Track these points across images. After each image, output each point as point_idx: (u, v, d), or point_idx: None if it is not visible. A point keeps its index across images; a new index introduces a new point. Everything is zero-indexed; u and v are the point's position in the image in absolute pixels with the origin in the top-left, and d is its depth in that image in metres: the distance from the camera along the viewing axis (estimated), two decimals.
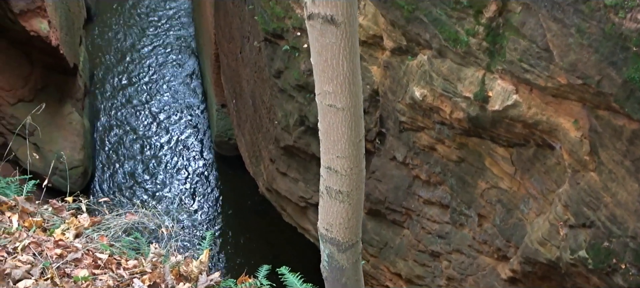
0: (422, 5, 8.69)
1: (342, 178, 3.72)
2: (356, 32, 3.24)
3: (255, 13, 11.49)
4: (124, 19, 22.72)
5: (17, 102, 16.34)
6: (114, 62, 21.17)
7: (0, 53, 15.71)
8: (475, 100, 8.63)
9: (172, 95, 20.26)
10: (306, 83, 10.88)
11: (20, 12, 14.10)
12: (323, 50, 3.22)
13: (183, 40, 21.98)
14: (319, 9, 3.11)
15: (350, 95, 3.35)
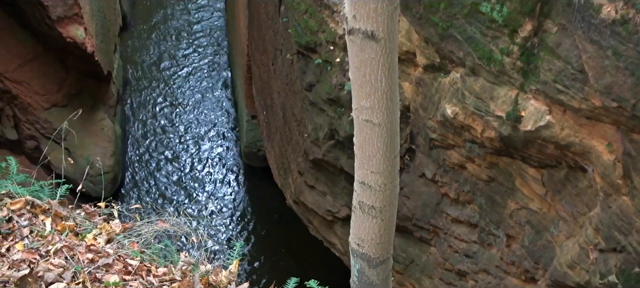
0: (456, 23, 8.66)
1: (375, 193, 3.71)
2: (396, 49, 3.24)
3: (289, 26, 11.54)
4: (158, 28, 22.97)
5: (51, 106, 16.57)
6: (147, 70, 21.40)
7: (36, 58, 15.96)
8: (508, 120, 8.56)
9: (203, 105, 20.41)
10: (337, 97, 10.89)
11: (57, 19, 14.33)
12: (362, 66, 3.23)
13: (216, 51, 22.15)
14: (360, 25, 3.12)
15: (387, 111, 3.35)
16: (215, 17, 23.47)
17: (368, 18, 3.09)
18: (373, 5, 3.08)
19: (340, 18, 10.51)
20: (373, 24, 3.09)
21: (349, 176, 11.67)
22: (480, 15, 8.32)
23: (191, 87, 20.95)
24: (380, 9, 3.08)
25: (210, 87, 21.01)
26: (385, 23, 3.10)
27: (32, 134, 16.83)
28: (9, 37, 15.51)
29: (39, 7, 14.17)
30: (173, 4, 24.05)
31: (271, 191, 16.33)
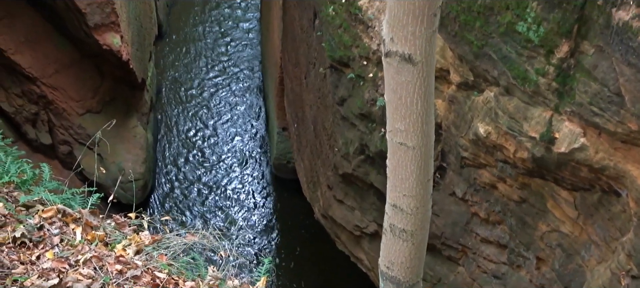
0: (492, 41, 8.60)
1: (407, 217, 3.67)
2: (433, 72, 3.21)
3: (322, 40, 11.55)
4: (193, 37, 23.18)
5: (85, 112, 16.77)
6: (180, 79, 21.59)
7: (73, 64, 16.17)
8: (541, 141, 8.47)
9: (235, 115, 20.51)
10: (369, 112, 10.86)
11: (94, 26, 14.50)
12: (398, 88, 3.20)
13: (249, 63, 22.28)
14: (397, 47, 3.09)
15: (422, 134, 3.32)
16: (250, 28, 23.62)
17: (406, 41, 3.06)
18: (411, 28, 3.05)
19: (374, 33, 10.50)
20: (410, 47, 3.07)
21: (378, 191, 11.62)
22: (516, 34, 8.25)
23: (223, 97, 21.08)
24: (418, 33, 3.05)
25: (243, 98, 21.11)
26: (423, 46, 3.07)
27: (66, 139, 17.04)
28: (46, 43, 15.74)
29: (77, 14, 14.35)
30: (209, 14, 24.26)
31: (299, 204, 16.33)
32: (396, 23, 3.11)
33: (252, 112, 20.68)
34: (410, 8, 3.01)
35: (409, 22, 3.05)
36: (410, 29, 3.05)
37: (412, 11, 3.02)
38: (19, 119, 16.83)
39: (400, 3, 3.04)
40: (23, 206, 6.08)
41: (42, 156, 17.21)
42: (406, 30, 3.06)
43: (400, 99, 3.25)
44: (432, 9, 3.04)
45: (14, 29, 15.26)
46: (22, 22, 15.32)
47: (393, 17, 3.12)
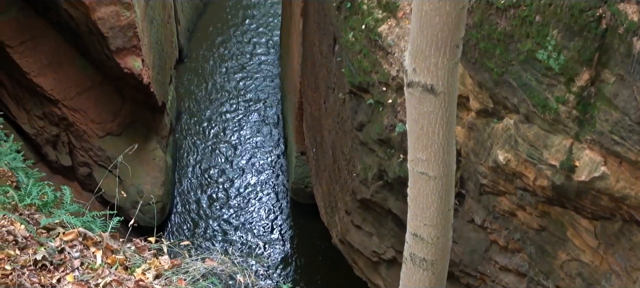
0: (512, 69, 8.59)
1: (427, 246, 3.66)
2: (455, 103, 3.22)
3: (342, 65, 11.59)
4: (214, 61, 23.36)
5: (106, 135, 16.90)
6: (200, 102, 21.73)
7: (94, 87, 16.33)
8: (561, 169, 8.41)
9: (253, 139, 20.59)
10: (388, 138, 10.86)
11: (116, 49, 14.64)
12: (420, 118, 3.21)
13: (268, 86, 22.40)
14: (420, 78, 3.11)
15: (444, 164, 3.32)
16: (269, 53, 23.77)
17: (428, 72, 3.08)
18: (434, 59, 3.07)
19: (393, 59, 10.53)
20: (433, 78, 3.08)
21: (396, 218, 11.59)
22: (536, 62, 8.23)
23: (242, 121, 21.18)
24: (440, 64, 3.07)
25: (261, 121, 21.20)
26: (445, 77, 3.08)
27: (86, 161, 17.17)
28: (69, 66, 15.92)
29: (99, 38, 14.51)
30: (229, 38, 24.46)
31: (317, 228, 16.31)
32: (419, 54, 3.13)
33: (270, 136, 20.75)
34: (433, 39, 3.04)
35: (431, 53, 3.07)
36: (432, 60, 3.07)
37: (435, 42, 3.04)
38: (39, 141, 17.00)
39: (423, 34, 3.06)
40: (44, 228, 6.13)
41: (61, 178, 17.36)
42: (428, 62, 3.08)
43: (422, 129, 3.26)
44: (455, 41, 3.06)
45: (38, 52, 15.47)
46: (46, 45, 15.53)
47: (415, 48, 3.14)
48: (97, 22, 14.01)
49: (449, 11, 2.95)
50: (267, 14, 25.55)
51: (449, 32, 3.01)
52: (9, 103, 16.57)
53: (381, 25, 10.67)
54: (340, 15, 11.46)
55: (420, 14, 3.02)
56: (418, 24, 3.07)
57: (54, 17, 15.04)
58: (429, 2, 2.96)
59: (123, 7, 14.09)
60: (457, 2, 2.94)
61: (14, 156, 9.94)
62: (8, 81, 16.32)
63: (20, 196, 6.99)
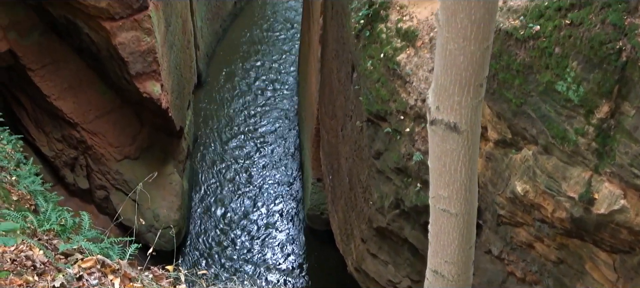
0: (530, 100, 8.57)
1: (448, 283, 3.63)
2: (478, 141, 3.22)
3: (360, 93, 11.62)
4: (232, 88, 23.50)
5: (123, 158, 16.99)
6: (217, 128, 21.82)
7: (113, 111, 16.44)
8: (580, 201, 8.35)
9: (270, 164, 20.62)
10: (405, 166, 10.83)
11: (136, 74, 14.75)
12: (443, 155, 3.21)
13: (286, 113, 22.47)
14: (443, 116, 3.11)
15: (465, 201, 3.31)
16: (287, 80, 23.88)
17: (452, 110, 3.08)
18: (457, 98, 3.07)
19: (411, 88, 10.53)
20: (456, 116, 3.08)
21: (412, 247, 11.53)
22: (555, 93, 8.21)
23: (259, 146, 21.23)
24: (464, 102, 3.07)
25: (278, 147, 21.25)
26: (469, 116, 3.08)
27: (103, 184, 17.25)
28: (89, 89, 16.06)
29: (120, 62, 14.64)
30: (248, 64, 24.61)
31: (332, 255, 16.24)
32: (442, 92, 3.14)
33: (287, 162, 20.77)
34: (457, 78, 3.04)
35: (455, 92, 3.08)
36: (456, 98, 3.08)
37: (459, 81, 3.04)
38: (58, 163, 17.11)
39: (446, 73, 3.07)
40: (62, 254, 6.14)
41: (79, 200, 17.46)
42: (452, 100, 3.09)
43: (444, 166, 3.25)
44: (479, 80, 3.06)
45: (58, 75, 15.63)
46: (67, 68, 15.69)
47: (439, 87, 3.15)
48: (117, 47, 14.14)
49: (473, 51, 2.96)
50: (286, 41, 25.71)
51: (473, 71, 3.02)
52: (29, 125, 16.72)
53: (400, 54, 10.70)
54: (359, 43, 11.51)
55: (444, 53, 3.04)
56: (442, 63, 3.08)
57: (75, 41, 15.21)
58: (454, 42, 2.97)
59: (144, 32, 14.21)
60: (482, 42, 2.95)
61: (33, 179, 10.03)
62: (29, 104, 16.49)
63: (39, 221, 7.03)
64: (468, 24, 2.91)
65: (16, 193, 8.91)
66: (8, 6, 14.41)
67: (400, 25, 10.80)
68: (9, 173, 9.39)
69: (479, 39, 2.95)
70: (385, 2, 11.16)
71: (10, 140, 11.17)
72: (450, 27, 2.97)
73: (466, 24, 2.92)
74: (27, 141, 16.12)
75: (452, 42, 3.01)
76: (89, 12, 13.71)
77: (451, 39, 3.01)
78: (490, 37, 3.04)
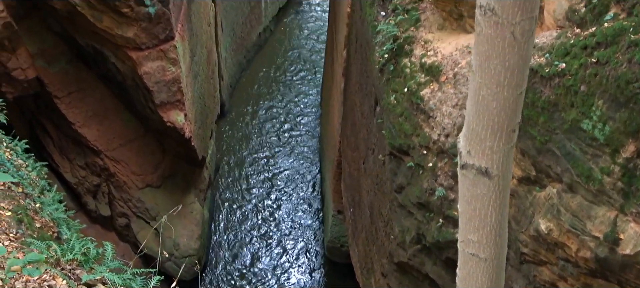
0: (555, 137, 8.52)
1: None
2: (508, 186, 3.20)
3: (383, 127, 11.62)
4: (254, 118, 23.63)
5: (145, 186, 17.07)
6: (239, 158, 21.91)
7: (137, 139, 16.56)
8: (605, 241, 8.26)
9: (291, 195, 20.63)
10: (427, 201, 10.79)
11: (160, 104, 14.87)
12: (473, 200, 3.19)
13: (307, 144, 22.53)
14: (474, 161, 3.10)
15: (495, 246, 3.29)
16: (310, 111, 23.95)
17: (483, 155, 3.07)
18: (489, 143, 3.07)
19: (435, 123, 10.52)
20: (488, 161, 3.07)
21: (433, 283, 11.44)
22: (581, 132, 8.16)
23: (280, 177, 21.27)
24: (496, 147, 3.06)
25: (299, 178, 21.26)
26: (500, 161, 3.07)
27: (124, 211, 17.33)
28: (114, 117, 16.21)
29: (145, 91, 14.77)
30: (271, 95, 24.76)
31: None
32: (474, 137, 3.13)
33: (308, 193, 20.77)
34: (489, 124, 3.04)
35: (487, 137, 3.07)
36: (488, 143, 3.07)
37: (491, 127, 3.04)
38: (80, 190, 17.24)
39: (479, 118, 3.06)
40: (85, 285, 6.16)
41: (100, 227, 17.55)
42: (484, 145, 3.08)
43: (474, 211, 3.24)
44: (512, 126, 3.06)
45: (84, 103, 15.80)
46: (92, 96, 15.86)
47: (471, 131, 3.14)
48: (143, 77, 14.28)
49: (506, 97, 2.95)
50: (309, 73, 25.86)
51: (506, 117, 3.01)
52: (53, 152, 16.88)
53: (423, 89, 10.71)
54: (383, 77, 11.54)
55: (476, 98, 3.03)
56: (474, 108, 3.08)
57: (101, 69, 15.39)
58: (487, 88, 2.97)
59: (169, 62, 14.35)
60: (516, 89, 2.95)
61: (57, 206, 10.07)
62: (54, 130, 16.66)
63: (62, 250, 7.06)
64: (502, 70, 2.91)
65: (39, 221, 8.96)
66: (37, 34, 14.63)
67: (425, 60, 10.82)
68: (33, 200, 9.45)
69: (513, 86, 2.95)
70: (410, 37, 11.21)
71: (35, 167, 11.24)
72: (483, 72, 2.97)
73: (500, 70, 2.92)
74: (51, 167, 16.26)
75: (485, 87, 3.01)
76: (116, 42, 13.89)
77: (484, 85, 3.01)
78: (523, 83, 3.03)
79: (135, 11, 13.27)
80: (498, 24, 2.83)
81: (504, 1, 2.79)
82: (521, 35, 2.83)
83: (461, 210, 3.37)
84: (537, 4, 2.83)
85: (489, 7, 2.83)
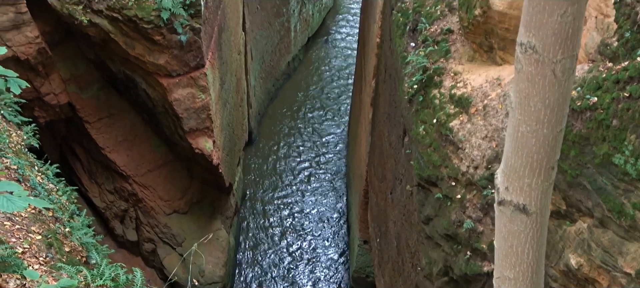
0: (586, 171, 8.45)
1: None
2: (546, 223, 3.18)
3: (411, 158, 11.60)
4: (281, 146, 23.71)
5: (172, 212, 17.15)
6: (266, 185, 21.96)
7: (165, 165, 16.68)
8: (637, 278, 8.14)
9: (316, 224, 20.60)
10: (455, 233, 10.72)
11: (189, 130, 14.98)
12: (509, 236, 3.18)
13: (334, 173, 22.54)
14: (512, 197, 3.09)
15: (532, 284, 3.26)
16: (337, 141, 23.99)
17: (521, 192, 3.06)
18: (528, 180, 3.06)
19: (464, 155, 10.48)
20: (526, 198, 3.06)
21: None
22: (612, 166, 8.08)
23: (306, 205, 21.27)
24: (534, 184, 3.05)
25: (325, 207, 21.25)
26: (539, 198, 3.06)
27: (151, 237, 17.42)
28: (143, 143, 16.35)
29: (174, 118, 14.89)
30: (298, 123, 24.84)
31: None
32: (512, 173, 3.13)
33: (333, 222, 20.74)
34: (528, 160, 3.03)
35: (525, 174, 3.06)
36: (526, 180, 3.06)
37: (530, 163, 3.03)
38: (108, 215, 17.37)
39: (517, 154, 3.06)
40: None
41: (126, 252, 17.65)
42: (522, 182, 3.07)
43: (511, 248, 3.22)
44: (550, 163, 3.05)
45: (114, 128, 15.97)
46: (122, 122, 16.03)
47: (509, 168, 3.13)
48: (173, 103, 14.42)
49: (546, 134, 2.95)
50: (337, 103, 25.94)
51: (545, 154, 3.01)
52: (83, 176, 17.05)
53: (453, 120, 10.69)
54: (412, 108, 11.54)
55: (515, 135, 3.03)
56: (513, 144, 3.08)
57: (132, 96, 15.57)
58: (526, 125, 2.97)
59: (199, 89, 14.48)
60: (555, 126, 2.94)
61: (86, 231, 10.18)
62: (83, 155, 16.85)
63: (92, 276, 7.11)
64: (541, 107, 2.91)
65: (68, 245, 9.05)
66: (70, 60, 14.87)
67: (454, 92, 10.82)
68: (63, 224, 9.56)
69: (552, 123, 2.94)
70: (440, 68, 11.22)
71: (65, 191, 11.37)
72: (523, 110, 2.97)
73: (540, 107, 2.92)
74: (79, 191, 16.42)
75: (525, 124, 3.00)
76: (147, 69, 14.06)
77: (523, 122, 3.00)
78: (563, 121, 3.03)
79: (167, 39, 13.44)
80: (539, 62, 2.84)
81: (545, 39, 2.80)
82: (562, 73, 2.83)
83: (497, 246, 3.35)
84: (578, 42, 2.83)
85: (529, 45, 2.84)
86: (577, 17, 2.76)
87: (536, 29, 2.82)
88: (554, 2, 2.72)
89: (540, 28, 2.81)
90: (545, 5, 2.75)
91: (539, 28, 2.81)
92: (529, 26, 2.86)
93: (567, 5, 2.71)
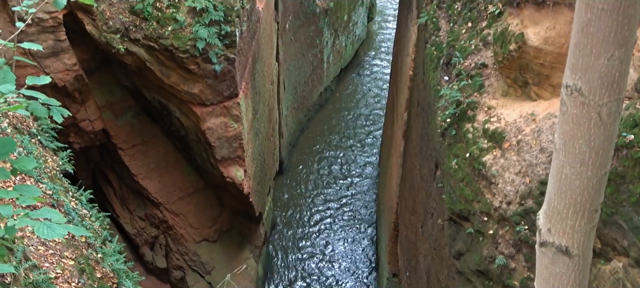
0: (622, 210, 8.35)
1: None
2: (588, 266, 3.15)
3: (443, 191, 11.54)
4: (312, 176, 23.72)
5: (202, 240, 17.22)
6: (295, 216, 21.95)
7: (196, 193, 16.79)
8: None
9: (346, 256, 20.53)
10: (486, 269, 10.60)
11: (221, 159, 15.08)
12: (551, 279, 3.15)
13: (364, 205, 22.49)
14: (554, 239, 3.07)
15: None
16: (367, 172, 23.97)
17: (564, 234, 3.03)
18: (570, 222, 3.04)
19: (496, 190, 10.40)
20: (568, 240, 3.03)
21: None
22: None
23: (336, 237, 21.21)
24: (577, 227, 3.03)
25: (355, 240, 21.18)
26: (581, 240, 3.03)
27: (180, 264, 17.48)
28: (175, 171, 16.49)
29: (207, 147, 15.02)
30: (329, 154, 24.88)
31: None
32: (555, 215, 3.11)
33: (363, 254, 20.65)
34: (571, 202, 3.01)
35: (568, 216, 3.04)
36: (569, 222, 3.04)
37: (573, 205, 3.01)
38: (138, 241, 17.48)
39: (561, 196, 3.04)
40: None
41: (155, 279, 17.72)
42: (565, 224, 3.05)
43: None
44: (594, 205, 3.03)
45: (147, 155, 16.14)
46: (155, 149, 16.19)
47: (552, 209, 3.12)
48: (206, 132, 14.54)
49: (590, 177, 2.93)
50: (368, 135, 25.95)
51: (588, 196, 2.99)
52: (114, 202, 17.21)
53: (486, 155, 10.63)
54: (444, 141, 11.51)
55: (559, 177, 3.02)
56: (557, 186, 3.06)
57: (165, 124, 15.73)
58: (570, 166, 2.96)
59: (232, 119, 14.60)
60: (600, 169, 2.93)
61: (117, 257, 10.25)
62: (116, 181, 17.02)
63: None
64: (586, 150, 2.90)
65: (100, 271, 9.12)
66: (106, 88, 15.10)
67: (488, 126, 10.77)
68: (95, 250, 9.65)
69: (597, 166, 2.93)
70: (473, 102, 11.19)
71: (98, 217, 11.49)
72: (567, 151, 2.96)
73: (584, 149, 2.90)
74: (111, 218, 16.57)
75: (569, 166, 2.99)
76: (182, 97, 14.22)
77: (568, 164, 2.99)
78: (608, 164, 3.01)
79: (201, 68, 13.60)
80: (584, 104, 2.84)
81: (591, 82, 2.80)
82: (608, 116, 2.82)
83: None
84: (625, 85, 2.82)
85: (575, 88, 2.83)
86: (624, 61, 2.75)
87: (582, 72, 2.82)
88: (601, 45, 2.72)
89: (586, 71, 2.81)
90: (592, 48, 2.74)
91: (585, 71, 2.81)
92: (575, 69, 2.86)
93: (614, 49, 2.71)
